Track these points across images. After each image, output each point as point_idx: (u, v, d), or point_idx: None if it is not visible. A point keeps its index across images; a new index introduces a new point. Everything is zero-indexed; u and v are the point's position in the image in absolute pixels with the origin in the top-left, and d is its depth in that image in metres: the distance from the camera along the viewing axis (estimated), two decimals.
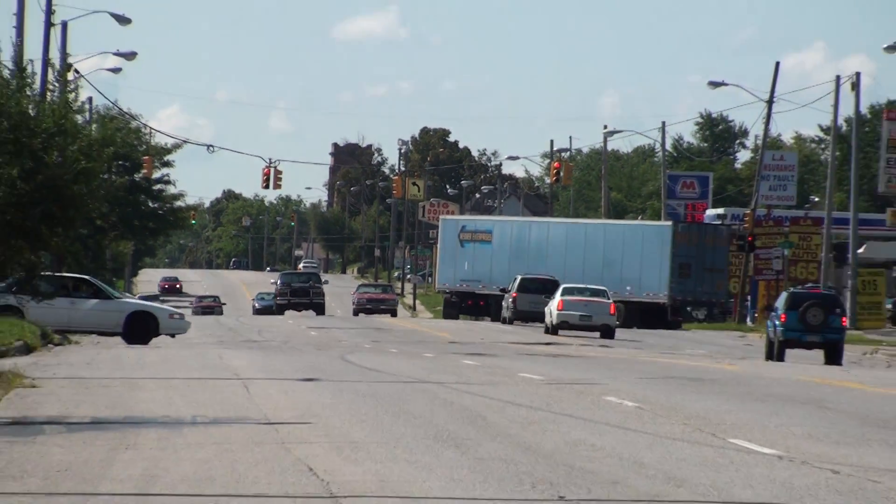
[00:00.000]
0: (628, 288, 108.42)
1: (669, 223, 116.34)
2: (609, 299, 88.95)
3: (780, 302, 67.34)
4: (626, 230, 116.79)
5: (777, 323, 65.75)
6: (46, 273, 71.53)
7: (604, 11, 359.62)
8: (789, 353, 65.44)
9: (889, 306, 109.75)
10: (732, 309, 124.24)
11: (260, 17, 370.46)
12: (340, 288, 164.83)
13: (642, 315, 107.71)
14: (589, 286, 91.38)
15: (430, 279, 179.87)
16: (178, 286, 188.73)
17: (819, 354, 65.30)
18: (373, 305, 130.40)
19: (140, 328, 60.85)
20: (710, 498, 17.90)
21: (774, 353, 65.89)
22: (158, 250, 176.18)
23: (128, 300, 66.76)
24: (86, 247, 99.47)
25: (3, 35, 73.55)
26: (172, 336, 63.06)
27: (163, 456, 20.87)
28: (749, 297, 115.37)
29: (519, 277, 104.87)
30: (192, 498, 17.15)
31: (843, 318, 71.41)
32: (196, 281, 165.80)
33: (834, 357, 65.15)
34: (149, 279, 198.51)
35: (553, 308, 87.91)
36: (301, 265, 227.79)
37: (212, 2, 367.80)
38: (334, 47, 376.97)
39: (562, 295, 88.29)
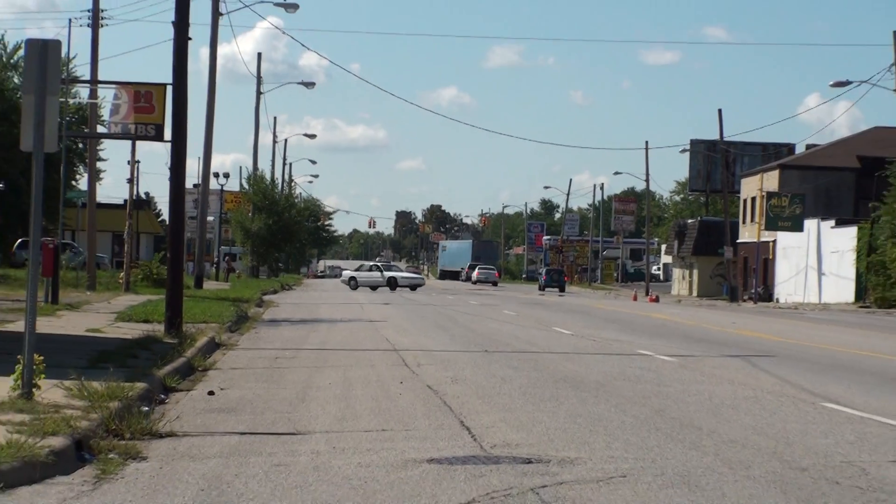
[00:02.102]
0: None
1: (471, 240, 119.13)
2: (496, 270, 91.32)
3: (542, 271, 73.79)
4: (462, 244, 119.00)
5: (541, 279, 72.12)
6: (381, 264, 64.81)
7: (499, 155, 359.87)
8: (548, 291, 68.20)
9: (615, 275, 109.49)
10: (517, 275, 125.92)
11: (363, 158, 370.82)
12: None
13: None
14: (488, 265, 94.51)
15: (435, 265, 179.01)
16: (339, 268, 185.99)
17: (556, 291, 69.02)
18: None
19: (392, 283, 57.53)
20: (545, 350, 17.75)
21: (542, 289, 69.71)
22: (326, 252, 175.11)
23: (387, 271, 59.31)
24: (298, 252, 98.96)
25: (266, 166, 73.35)
26: (415, 287, 57.57)
27: (329, 333, 20.77)
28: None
29: (469, 263, 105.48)
30: (340, 351, 17.04)
31: (566, 277, 77.02)
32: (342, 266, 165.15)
33: (562, 291, 69.33)
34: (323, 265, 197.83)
35: (474, 274, 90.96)
36: (377, 260, 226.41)
37: (338, 155, 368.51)
38: (395, 173, 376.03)
39: (477, 269, 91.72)
